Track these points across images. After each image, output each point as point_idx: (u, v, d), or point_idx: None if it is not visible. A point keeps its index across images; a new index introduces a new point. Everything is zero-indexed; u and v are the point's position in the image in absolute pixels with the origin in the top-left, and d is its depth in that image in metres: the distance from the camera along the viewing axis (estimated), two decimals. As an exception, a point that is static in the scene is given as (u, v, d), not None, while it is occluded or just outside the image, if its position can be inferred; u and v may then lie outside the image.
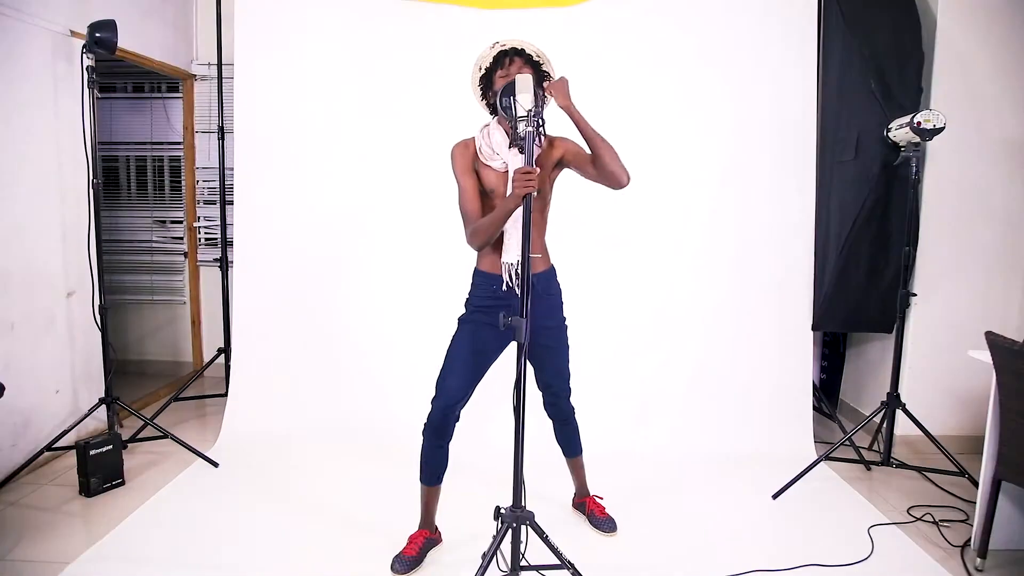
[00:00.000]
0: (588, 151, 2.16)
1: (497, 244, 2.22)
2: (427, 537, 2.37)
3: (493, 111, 2.25)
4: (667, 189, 3.47)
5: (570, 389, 2.47)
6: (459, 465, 2.46)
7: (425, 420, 2.24)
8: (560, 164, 2.27)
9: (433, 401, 2.23)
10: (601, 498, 2.68)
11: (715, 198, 3.48)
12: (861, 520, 2.68)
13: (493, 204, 2.19)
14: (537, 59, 2.17)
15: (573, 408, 2.51)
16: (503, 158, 2.17)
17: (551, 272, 2.35)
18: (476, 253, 2.31)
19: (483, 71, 2.19)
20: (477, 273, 2.32)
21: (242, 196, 3.51)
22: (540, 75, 2.19)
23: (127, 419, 3.61)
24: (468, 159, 2.21)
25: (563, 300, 2.39)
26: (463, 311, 2.34)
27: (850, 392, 4.06)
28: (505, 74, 2.13)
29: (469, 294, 2.34)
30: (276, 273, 3.51)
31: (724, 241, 3.48)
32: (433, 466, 2.29)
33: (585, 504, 2.66)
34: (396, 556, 2.30)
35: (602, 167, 2.10)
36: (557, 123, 2.19)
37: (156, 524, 2.57)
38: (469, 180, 2.20)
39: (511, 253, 2.18)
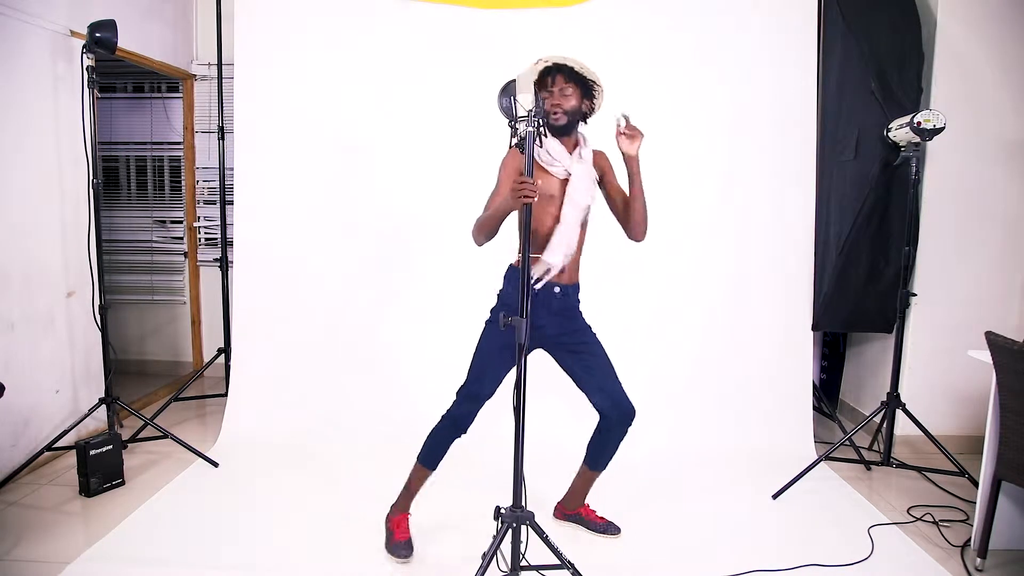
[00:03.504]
0: (625, 190, 2.25)
1: (543, 241, 2.20)
2: (408, 519, 2.40)
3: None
4: (667, 189, 3.43)
5: (631, 410, 2.38)
6: (459, 465, 2.46)
7: (448, 409, 2.26)
8: (600, 181, 2.29)
9: (460, 394, 2.25)
10: (593, 509, 2.62)
11: (715, 198, 3.48)
12: (861, 520, 2.68)
13: (555, 209, 2.19)
14: (580, 72, 2.15)
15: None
16: (563, 165, 2.18)
17: (577, 288, 2.36)
18: (481, 247, 2.24)
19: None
20: (512, 269, 2.31)
21: (242, 196, 3.50)
22: (587, 86, 2.18)
23: (127, 419, 3.60)
24: (518, 165, 2.15)
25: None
26: (493, 304, 2.33)
27: (850, 392, 4.06)
28: (548, 93, 2.13)
29: (501, 291, 2.32)
30: (276, 273, 3.51)
31: (724, 241, 3.48)
32: (439, 452, 2.31)
33: (579, 514, 2.60)
34: (393, 544, 2.33)
35: (631, 215, 2.22)
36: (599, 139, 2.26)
37: (156, 524, 2.57)
38: (508, 185, 2.15)
39: (554, 253, 2.17)
